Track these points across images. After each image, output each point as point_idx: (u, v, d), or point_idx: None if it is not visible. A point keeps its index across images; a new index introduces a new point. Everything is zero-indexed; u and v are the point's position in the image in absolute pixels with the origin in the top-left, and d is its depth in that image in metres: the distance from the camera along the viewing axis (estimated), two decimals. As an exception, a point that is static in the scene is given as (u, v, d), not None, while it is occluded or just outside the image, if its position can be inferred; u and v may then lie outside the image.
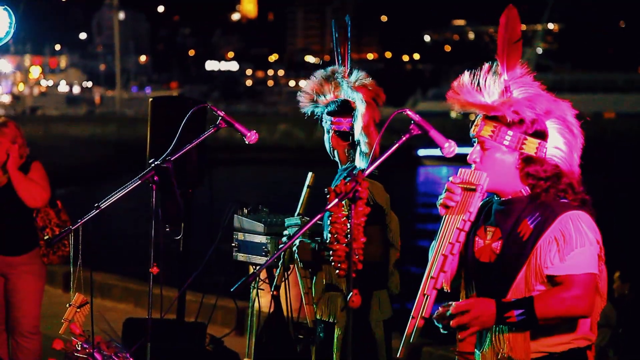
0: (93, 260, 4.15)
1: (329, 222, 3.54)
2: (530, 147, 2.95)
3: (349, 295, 2.91)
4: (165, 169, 4.07)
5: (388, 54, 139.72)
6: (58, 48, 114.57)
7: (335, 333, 4.20)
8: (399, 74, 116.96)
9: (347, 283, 3.02)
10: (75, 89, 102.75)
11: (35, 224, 5.49)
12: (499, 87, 2.97)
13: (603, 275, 2.97)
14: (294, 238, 3.07)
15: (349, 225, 3.09)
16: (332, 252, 3.38)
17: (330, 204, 3.05)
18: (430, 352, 6.71)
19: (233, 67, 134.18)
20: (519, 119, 2.94)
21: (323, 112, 4.31)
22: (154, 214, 4.09)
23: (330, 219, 3.56)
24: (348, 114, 4.21)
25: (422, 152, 39.88)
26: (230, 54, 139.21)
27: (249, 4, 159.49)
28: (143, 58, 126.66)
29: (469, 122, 3.04)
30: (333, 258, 3.34)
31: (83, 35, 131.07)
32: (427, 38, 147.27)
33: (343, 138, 4.24)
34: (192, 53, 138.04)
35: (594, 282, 2.88)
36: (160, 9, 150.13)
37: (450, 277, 3.02)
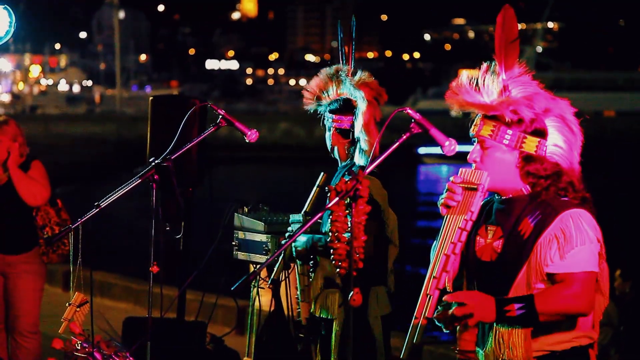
0: (93, 259, 4.14)
1: (330, 220, 3.54)
2: (530, 145, 2.96)
3: (350, 294, 2.91)
4: (166, 168, 4.06)
5: (388, 53, 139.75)
6: (58, 47, 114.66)
7: (334, 329, 4.23)
8: (399, 73, 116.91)
9: (348, 281, 3.02)
10: (75, 88, 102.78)
11: (35, 223, 5.49)
12: (498, 86, 2.98)
13: (604, 274, 2.97)
14: (295, 236, 3.09)
15: (350, 224, 3.08)
16: (332, 250, 3.38)
17: (331, 203, 3.05)
18: (431, 351, 6.72)
19: (233, 65, 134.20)
20: (518, 118, 2.94)
21: (325, 110, 4.37)
22: (154, 213, 4.09)
23: (331, 218, 3.57)
24: (349, 112, 4.28)
25: (422, 150, 39.91)
26: (231, 53, 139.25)
27: (249, 3, 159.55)
28: (143, 57, 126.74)
29: (469, 121, 3.04)
30: (334, 257, 3.34)
31: (83, 34, 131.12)
32: (427, 37, 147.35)
33: (343, 135, 4.31)
34: (192, 52, 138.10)
35: (594, 280, 2.89)
36: (161, 8, 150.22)
37: (453, 276, 3.03)
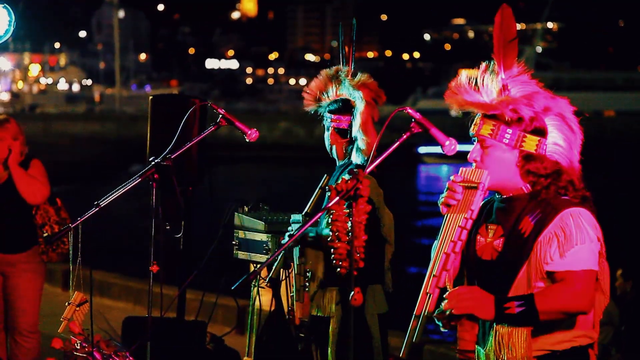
0: (92, 259, 4.14)
1: (330, 220, 3.54)
2: (530, 144, 2.96)
3: (351, 294, 2.91)
4: (166, 167, 4.06)
5: (388, 53, 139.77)
6: (57, 46, 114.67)
7: (331, 327, 4.27)
8: (399, 73, 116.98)
9: (348, 281, 3.02)
10: (75, 87, 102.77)
11: (35, 222, 5.48)
12: (497, 85, 2.99)
13: (605, 273, 2.97)
14: (295, 236, 3.10)
15: (350, 223, 3.08)
16: (333, 250, 3.39)
17: (332, 202, 3.05)
18: (432, 350, 6.71)
19: (233, 65, 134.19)
20: (518, 117, 2.95)
21: (325, 110, 4.44)
22: (154, 212, 4.08)
23: (332, 217, 3.57)
24: (348, 113, 4.36)
25: (422, 149, 39.93)
26: (231, 52, 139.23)
27: (249, 3, 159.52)
28: (143, 56, 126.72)
29: (469, 120, 3.04)
30: (334, 256, 3.35)
31: (83, 34, 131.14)
32: (427, 37, 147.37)
33: (342, 135, 4.39)
34: (192, 51, 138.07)
35: (594, 278, 2.89)
36: (160, 8, 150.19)
37: (453, 276, 3.03)
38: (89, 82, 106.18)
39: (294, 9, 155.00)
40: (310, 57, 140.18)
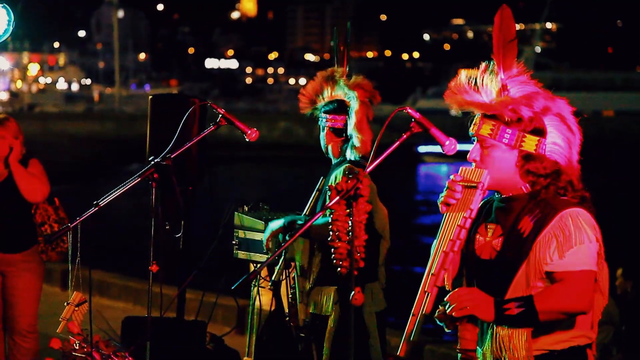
0: (91, 258, 4.13)
1: (330, 219, 3.55)
2: (530, 144, 2.96)
3: (352, 294, 2.91)
4: (165, 167, 4.06)
5: (388, 53, 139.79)
6: (57, 45, 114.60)
7: (328, 325, 4.31)
8: (399, 73, 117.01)
9: (348, 281, 3.02)
10: (74, 87, 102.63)
11: (34, 221, 5.48)
12: (496, 85, 3.00)
13: (604, 273, 2.97)
14: (295, 236, 3.09)
15: (351, 223, 3.08)
16: (333, 249, 3.40)
17: (332, 202, 3.04)
18: (433, 350, 6.71)
19: (233, 65, 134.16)
20: (517, 117, 2.95)
21: (320, 111, 4.55)
22: (154, 212, 4.08)
23: (332, 217, 3.58)
24: (343, 113, 4.47)
25: (422, 148, 39.96)
26: (230, 52, 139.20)
27: (249, 3, 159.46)
28: (142, 56, 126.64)
29: (469, 120, 3.05)
30: (335, 256, 3.36)
31: (82, 33, 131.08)
32: (426, 37, 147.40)
33: (337, 134, 4.50)
34: (191, 51, 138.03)
35: (593, 278, 2.89)
36: (160, 7, 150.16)
37: (452, 275, 3.03)
38: (88, 81, 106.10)
39: (294, 9, 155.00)
40: (310, 57, 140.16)
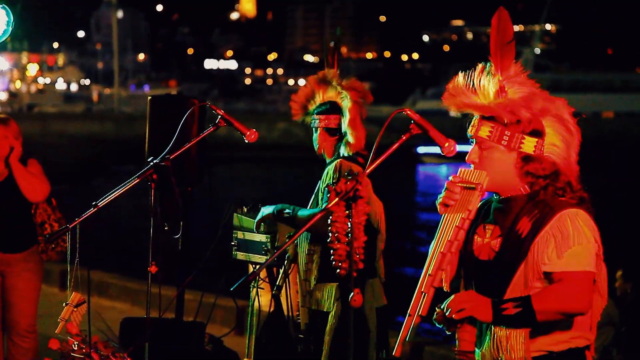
0: (90, 259, 4.13)
1: (330, 221, 3.56)
2: (529, 145, 2.96)
3: (351, 295, 2.90)
4: (164, 167, 4.05)
5: (387, 54, 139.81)
6: (56, 46, 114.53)
7: (329, 322, 4.33)
8: (398, 73, 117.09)
9: (347, 282, 3.02)
10: (73, 87, 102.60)
11: (34, 220, 5.48)
12: (494, 87, 2.99)
13: (602, 274, 2.97)
14: (294, 237, 3.09)
15: (350, 224, 3.08)
16: (333, 251, 3.40)
17: (331, 203, 3.04)
18: (432, 351, 6.71)
19: (232, 65, 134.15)
20: (516, 119, 2.94)
21: (313, 113, 4.61)
22: (153, 213, 4.08)
23: (331, 218, 3.58)
24: (336, 113, 4.54)
25: (421, 149, 39.99)
26: (229, 53, 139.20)
27: (248, 4, 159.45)
28: (141, 56, 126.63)
29: (467, 121, 3.04)
30: (334, 257, 3.36)
31: (81, 33, 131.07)
32: (425, 38, 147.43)
33: (330, 134, 4.56)
34: (191, 52, 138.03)
35: (591, 279, 2.89)
36: (159, 8, 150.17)
37: (450, 276, 3.02)
38: (87, 82, 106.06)
39: (293, 10, 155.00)
40: (309, 57, 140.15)
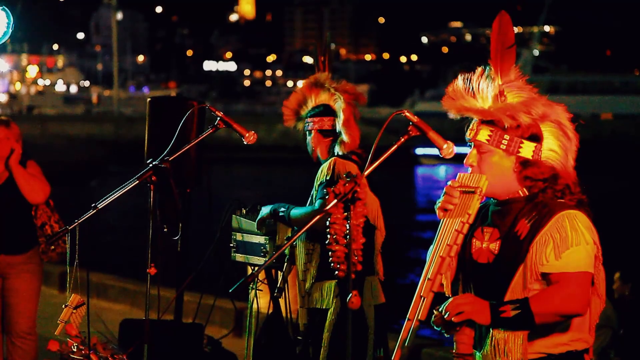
0: (89, 260, 4.13)
1: (328, 222, 3.56)
2: (527, 150, 2.97)
3: (349, 297, 2.91)
4: (164, 169, 4.06)
5: (386, 55, 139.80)
6: (56, 47, 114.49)
7: (328, 319, 4.33)
8: (397, 75, 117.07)
9: (346, 283, 3.02)
10: (73, 89, 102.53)
11: (34, 222, 5.49)
12: (493, 91, 2.99)
13: (601, 276, 2.97)
14: (293, 239, 3.09)
15: (348, 226, 3.08)
16: (331, 253, 3.40)
17: (330, 205, 3.04)
18: (431, 353, 6.70)
19: (231, 67, 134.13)
20: (516, 124, 2.94)
21: (305, 117, 4.64)
22: (152, 214, 4.08)
23: (330, 220, 3.58)
24: (330, 114, 4.56)
25: (419, 150, 39.98)
26: (229, 54, 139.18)
27: (247, 5, 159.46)
28: (141, 58, 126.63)
29: (466, 124, 3.04)
30: (332, 259, 3.36)
31: (81, 35, 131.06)
32: (424, 39, 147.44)
33: (324, 135, 4.59)
34: (190, 53, 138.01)
35: (589, 280, 2.89)
36: (159, 9, 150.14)
37: (450, 280, 3.02)
38: (87, 83, 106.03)
39: (292, 11, 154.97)
40: (308, 59, 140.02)
